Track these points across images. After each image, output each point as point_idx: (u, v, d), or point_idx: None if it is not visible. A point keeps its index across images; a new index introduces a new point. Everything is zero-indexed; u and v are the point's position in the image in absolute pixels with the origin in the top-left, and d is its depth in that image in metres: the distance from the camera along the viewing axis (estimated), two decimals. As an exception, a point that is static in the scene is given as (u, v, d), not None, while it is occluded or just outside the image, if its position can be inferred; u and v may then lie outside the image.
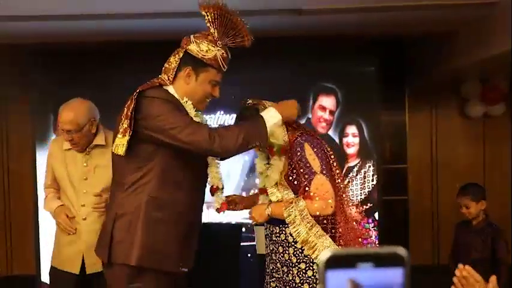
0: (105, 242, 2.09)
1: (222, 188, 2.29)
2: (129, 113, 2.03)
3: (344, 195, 2.29)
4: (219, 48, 2.09)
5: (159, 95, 2.08)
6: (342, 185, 2.28)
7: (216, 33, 2.11)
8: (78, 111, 2.54)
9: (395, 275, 0.44)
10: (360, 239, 2.36)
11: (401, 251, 0.44)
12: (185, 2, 2.61)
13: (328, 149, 2.31)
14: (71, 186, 2.61)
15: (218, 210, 2.31)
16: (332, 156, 2.30)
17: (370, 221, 3.94)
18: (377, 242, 3.94)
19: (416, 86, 4.58)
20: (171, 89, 2.13)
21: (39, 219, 3.80)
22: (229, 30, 2.12)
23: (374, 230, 3.96)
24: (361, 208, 3.92)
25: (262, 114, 2.10)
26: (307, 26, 3.42)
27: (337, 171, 2.28)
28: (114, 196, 2.18)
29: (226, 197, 2.35)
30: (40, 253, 3.79)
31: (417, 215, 4.60)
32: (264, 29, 3.33)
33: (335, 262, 0.43)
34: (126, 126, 2.03)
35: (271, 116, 2.09)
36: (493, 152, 4.73)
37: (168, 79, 2.11)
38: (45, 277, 3.71)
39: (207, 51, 2.08)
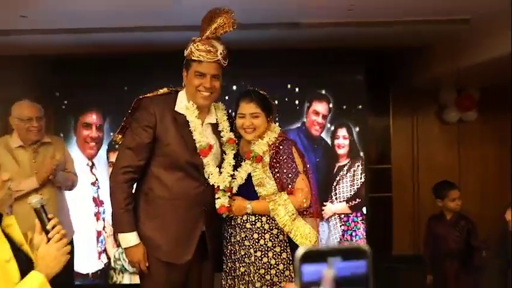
0: None
1: (230, 189, 2.19)
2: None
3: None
4: (194, 43, 2.08)
5: (144, 105, 2.11)
6: (310, 179, 2.29)
7: (200, 32, 2.10)
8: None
9: (360, 266, 0.45)
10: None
11: (364, 246, 0.46)
12: (187, 17, 2.60)
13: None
14: None
15: (218, 211, 2.21)
16: (304, 157, 2.35)
17: (358, 215, 4.00)
18: (365, 234, 3.98)
19: (399, 94, 4.63)
20: (182, 92, 2.19)
21: None
22: (212, 25, 2.08)
23: (362, 223, 4.01)
24: (350, 203, 3.98)
25: (120, 235, 2.12)
26: (303, 39, 3.41)
27: (308, 169, 2.31)
28: None
29: (231, 197, 2.22)
30: None
31: (400, 210, 4.65)
32: (264, 41, 3.41)
33: (309, 257, 0.44)
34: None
35: (125, 240, 2.10)
36: (466, 153, 4.79)
37: (183, 84, 2.19)
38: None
39: (187, 49, 2.10)
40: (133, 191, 2.19)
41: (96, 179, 3.80)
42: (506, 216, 1.53)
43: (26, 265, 1.39)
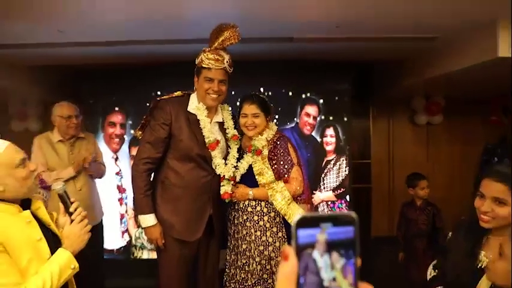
0: None
1: (233, 178, 2.20)
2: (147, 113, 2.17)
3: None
4: (204, 52, 2.08)
5: (161, 105, 2.09)
6: (303, 171, 2.28)
7: (209, 43, 2.09)
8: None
9: (348, 231, 0.43)
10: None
11: (352, 214, 0.44)
12: (200, 31, 2.56)
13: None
14: None
15: (222, 197, 2.21)
16: (298, 151, 2.35)
17: (342, 201, 4.00)
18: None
19: (378, 101, 4.63)
20: (193, 95, 2.18)
21: None
22: (219, 37, 2.07)
23: (346, 209, 3.98)
24: (336, 192, 3.98)
25: (141, 216, 2.10)
26: (297, 51, 3.38)
27: (300, 162, 2.30)
28: None
29: (235, 185, 2.23)
30: None
31: (378, 198, 4.68)
32: (261, 53, 3.35)
33: (304, 223, 0.42)
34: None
35: (145, 220, 2.09)
36: (434, 151, 4.81)
37: (194, 88, 2.19)
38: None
39: (198, 58, 2.10)
40: (152, 179, 2.18)
41: (120, 170, 3.78)
42: (475, 203, 1.53)
43: (53, 243, 1.38)
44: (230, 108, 2.34)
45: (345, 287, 0.41)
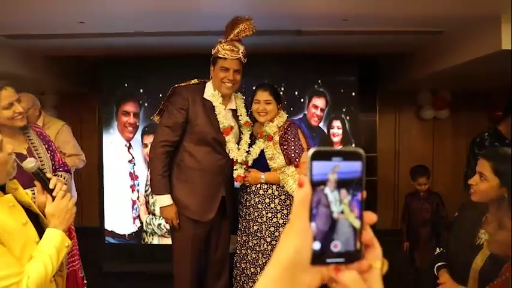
0: None
1: (246, 162, 2.30)
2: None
3: None
4: (220, 43, 2.19)
5: (179, 91, 2.23)
6: None
7: (225, 35, 2.20)
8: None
9: (357, 165, 0.45)
10: None
11: (360, 150, 0.45)
12: (210, 24, 2.68)
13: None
14: None
15: (235, 180, 2.34)
16: (307, 138, 2.45)
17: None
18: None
19: (384, 95, 4.67)
20: (209, 83, 2.30)
21: (103, 185, 3.87)
22: (235, 29, 2.17)
23: None
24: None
25: (157, 196, 2.25)
26: (305, 44, 3.43)
27: (310, 147, 2.37)
28: None
29: (247, 170, 2.33)
30: (104, 210, 3.89)
31: (383, 191, 4.73)
32: (271, 46, 3.42)
33: (317, 156, 0.45)
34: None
35: (161, 201, 2.23)
36: (439, 145, 4.85)
37: (210, 77, 2.32)
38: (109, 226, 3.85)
39: (214, 48, 2.22)
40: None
41: (133, 157, 3.87)
42: (470, 181, 1.67)
43: (36, 223, 1.30)
44: (243, 97, 2.46)
45: (351, 219, 0.45)
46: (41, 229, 1.30)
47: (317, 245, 0.44)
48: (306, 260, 0.43)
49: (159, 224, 3.82)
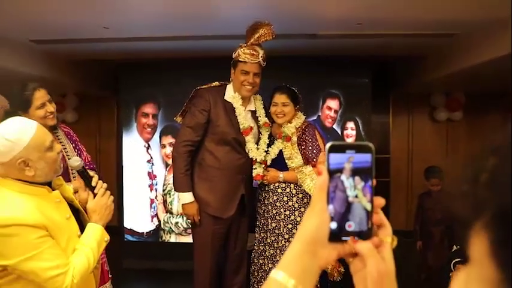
0: None
1: (265, 162, 2.39)
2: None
3: None
4: (241, 48, 2.26)
5: (201, 94, 2.32)
6: None
7: (246, 39, 2.31)
8: None
9: (367, 158, 0.50)
10: None
11: (370, 144, 0.50)
12: (228, 28, 2.78)
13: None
14: None
15: (254, 179, 2.41)
16: (324, 139, 2.52)
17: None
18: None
19: (398, 96, 4.71)
20: (229, 85, 2.39)
21: (123, 185, 3.98)
22: (255, 34, 2.26)
23: None
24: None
25: (179, 194, 2.34)
26: (320, 47, 3.49)
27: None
28: None
29: (266, 169, 2.40)
30: (123, 208, 3.98)
31: (396, 193, 4.75)
32: (286, 49, 3.45)
33: (334, 149, 0.50)
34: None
35: (183, 198, 2.31)
36: (453, 147, 4.86)
37: (230, 79, 2.41)
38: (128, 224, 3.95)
39: (235, 52, 2.31)
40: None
41: (151, 157, 3.97)
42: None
43: (77, 219, 1.40)
44: (261, 99, 2.55)
45: (364, 202, 0.50)
46: (80, 223, 1.40)
47: (334, 225, 0.50)
48: (324, 237, 0.50)
49: (176, 223, 3.92)
